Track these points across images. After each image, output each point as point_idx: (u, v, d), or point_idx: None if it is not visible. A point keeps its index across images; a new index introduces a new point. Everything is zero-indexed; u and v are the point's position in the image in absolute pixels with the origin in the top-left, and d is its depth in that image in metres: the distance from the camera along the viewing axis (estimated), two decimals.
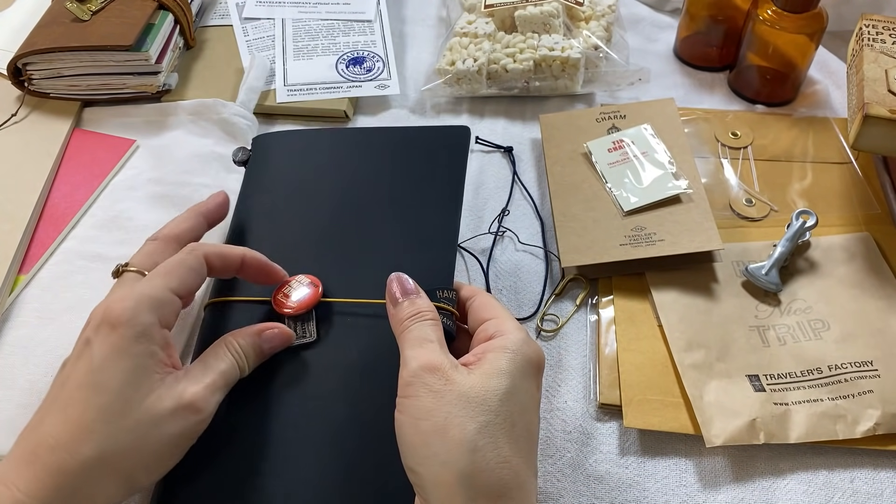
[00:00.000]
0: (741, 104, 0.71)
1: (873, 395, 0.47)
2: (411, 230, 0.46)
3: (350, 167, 0.50)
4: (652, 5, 0.84)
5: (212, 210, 0.47)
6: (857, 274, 0.54)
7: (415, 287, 0.39)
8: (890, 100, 0.52)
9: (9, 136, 0.65)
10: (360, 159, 0.51)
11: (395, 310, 0.38)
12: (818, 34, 0.65)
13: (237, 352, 0.39)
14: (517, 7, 0.70)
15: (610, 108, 0.65)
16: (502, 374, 0.34)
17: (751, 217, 0.59)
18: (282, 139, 0.54)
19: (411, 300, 0.38)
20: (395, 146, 0.51)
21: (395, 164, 0.50)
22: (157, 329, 0.36)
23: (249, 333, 0.40)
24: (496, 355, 0.35)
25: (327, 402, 0.40)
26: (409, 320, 0.37)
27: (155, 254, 0.41)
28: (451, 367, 0.34)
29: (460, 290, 0.43)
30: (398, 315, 0.38)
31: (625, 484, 0.45)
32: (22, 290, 0.55)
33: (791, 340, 0.51)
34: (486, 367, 0.35)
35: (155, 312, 0.36)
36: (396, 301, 0.38)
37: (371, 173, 0.50)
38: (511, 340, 0.36)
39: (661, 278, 0.54)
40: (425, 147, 0.50)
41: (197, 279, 0.39)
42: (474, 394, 0.33)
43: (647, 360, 0.50)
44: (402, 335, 0.37)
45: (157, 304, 0.36)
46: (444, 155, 0.50)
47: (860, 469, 0.46)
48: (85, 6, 0.67)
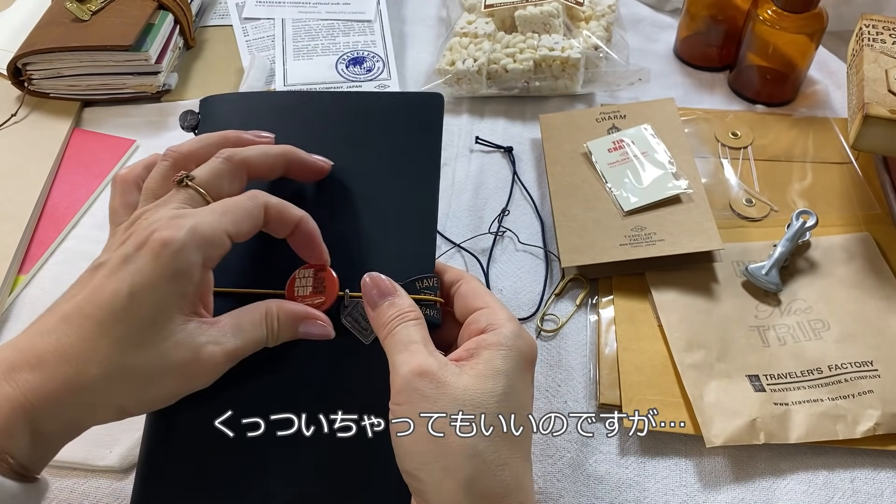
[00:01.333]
0: (741, 104, 0.71)
1: (873, 395, 0.47)
2: (385, 213, 0.42)
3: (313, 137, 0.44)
4: (652, 5, 0.84)
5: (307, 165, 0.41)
6: (858, 274, 0.54)
7: (391, 286, 0.37)
8: (890, 100, 0.52)
9: (9, 136, 0.65)
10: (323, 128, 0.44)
11: (374, 313, 0.36)
12: (818, 34, 0.65)
13: (274, 326, 0.36)
14: (517, 7, 0.70)
15: (610, 108, 0.65)
16: (498, 374, 0.33)
17: (751, 217, 0.59)
18: (237, 100, 0.47)
19: (390, 301, 0.36)
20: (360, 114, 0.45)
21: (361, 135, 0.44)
22: (198, 269, 0.33)
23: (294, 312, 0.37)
24: (491, 353, 0.34)
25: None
26: (391, 323, 0.35)
27: (224, 177, 0.37)
28: (441, 369, 0.33)
29: (444, 274, 0.41)
30: (379, 319, 0.36)
31: (625, 484, 0.45)
32: (22, 291, 0.55)
33: (791, 340, 0.50)
34: (481, 366, 0.34)
35: (203, 252, 0.33)
36: (375, 304, 0.36)
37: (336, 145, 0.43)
38: (505, 335, 0.35)
39: (661, 278, 0.54)
40: (394, 116, 0.44)
41: (253, 228, 0.36)
42: (469, 397, 0.32)
43: (647, 360, 0.50)
44: (386, 339, 0.35)
45: (207, 243, 0.33)
46: (416, 126, 0.44)
47: (860, 469, 0.46)
48: (85, 6, 0.67)
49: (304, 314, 0.37)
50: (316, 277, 0.39)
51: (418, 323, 0.36)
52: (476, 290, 0.39)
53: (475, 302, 0.38)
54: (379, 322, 0.36)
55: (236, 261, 0.39)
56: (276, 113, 0.45)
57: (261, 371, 0.38)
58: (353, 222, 0.42)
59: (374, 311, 0.36)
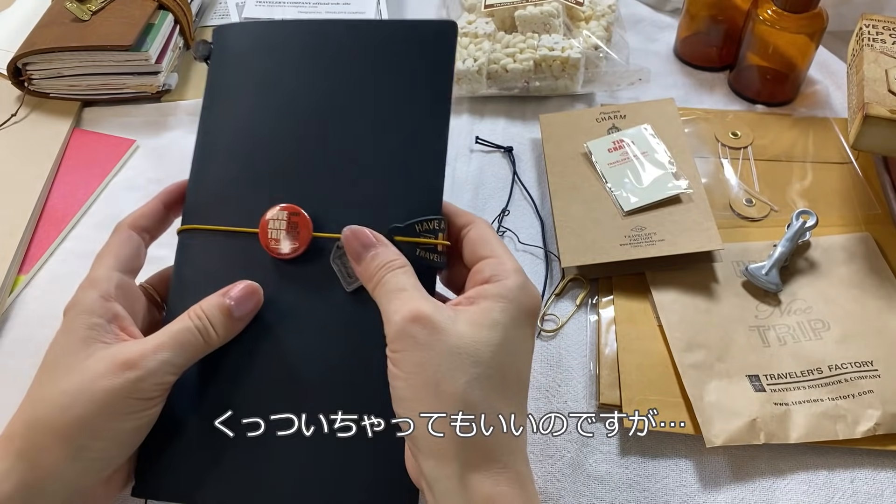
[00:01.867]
0: (741, 104, 0.71)
1: (873, 395, 0.47)
2: (391, 148, 0.40)
3: (323, 67, 0.42)
4: (652, 5, 0.84)
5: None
6: (858, 274, 0.54)
7: (373, 238, 0.36)
8: (890, 100, 0.52)
9: (9, 136, 0.65)
10: (333, 59, 0.42)
11: (360, 267, 0.36)
12: (818, 34, 0.65)
13: (198, 315, 0.36)
14: (517, 7, 0.70)
15: (610, 108, 0.65)
16: (495, 325, 0.33)
17: (751, 217, 0.59)
18: (250, 30, 0.45)
19: (374, 253, 0.36)
20: (372, 45, 0.42)
21: (371, 66, 0.42)
22: (99, 303, 0.36)
23: (214, 296, 0.37)
24: (490, 304, 0.34)
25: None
26: (378, 273, 0.35)
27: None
28: (435, 314, 0.32)
29: (454, 217, 0.39)
30: (366, 271, 0.36)
31: (625, 484, 0.45)
32: (22, 291, 0.55)
33: (791, 340, 0.50)
34: (479, 316, 0.33)
35: (95, 290, 0.36)
36: (360, 257, 0.36)
37: (345, 76, 0.42)
38: (508, 287, 0.34)
39: (661, 278, 0.54)
40: (405, 46, 0.42)
41: (132, 249, 0.39)
42: (464, 345, 0.32)
43: (647, 360, 0.50)
44: (375, 290, 0.35)
45: (96, 282, 0.37)
46: (428, 54, 0.42)
47: (860, 469, 0.46)
48: (85, 6, 0.67)
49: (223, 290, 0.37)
50: (289, 221, 0.38)
51: (406, 270, 0.35)
52: (484, 237, 0.38)
53: (482, 250, 0.37)
54: (366, 275, 0.36)
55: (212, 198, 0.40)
56: (288, 44, 0.43)
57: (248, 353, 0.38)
58: (354, 158, 0.40)
59: (360, 265, 0.36)
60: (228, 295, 0.37)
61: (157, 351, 0.34)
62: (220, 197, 0.40)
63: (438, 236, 0.37)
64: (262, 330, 0.38)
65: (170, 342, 0.35)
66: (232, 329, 0.37)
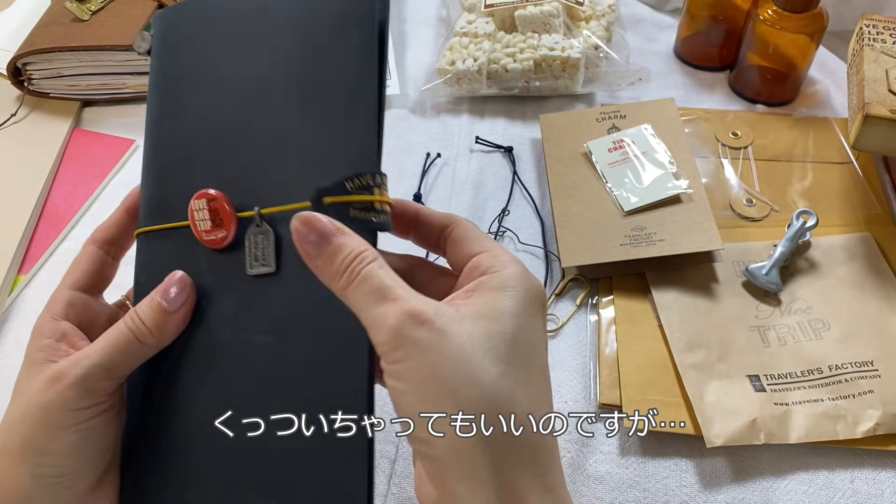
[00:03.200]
0: (741, 104, 0.71)
1: (874, 396, 0.46)
2: (315, 110, 0.35)
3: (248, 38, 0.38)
4: (652, 5, 0.84)
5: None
6: (858, 274, 0.54)
7: (332, 226, 0.30)
8: (890, 100, 0.52)
9: (8, 136, 0.65)
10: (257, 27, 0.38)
11: (319, 263, 0.30)
12: (818, 34, 0.65)
13: (131, 317, 0.34)
14: (517, 7, 0.70)
15: (610, 108, 0.65)
16: (507, 315, 0.29)
17: (751, 217, 0.59)
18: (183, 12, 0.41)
19: (336, 245, 0.30)
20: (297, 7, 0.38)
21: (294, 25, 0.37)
22: (49, 323, 0.35)
23: (149, 295, 0.35)
24: (494, 295, 0.30)
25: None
26: (348, 270, 0.29)
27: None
28: (436, 314, 0.28)
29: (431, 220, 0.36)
30: (328, 269, 0.30)
31: (625, 484, 0.45)
32: (21, 291, 0.55)
33: (791, 340, 0.50)
34: (485, 308, 0.30)
35: (47, 311, 0.36)
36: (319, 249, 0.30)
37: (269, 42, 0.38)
38: (511, 275, 0.31)
39: (661, 278, 0.54)
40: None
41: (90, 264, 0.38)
42: (478, 343, 0.28)
43: (647, 360, 0.50)
44: (347, 293, 0.29)
45: (49, 304, 0.37)
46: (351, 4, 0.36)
47: (861, 469, 0.45)
48: (84, 6, 0.67)
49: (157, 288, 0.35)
50: (210, 209, 0.35)
51: (381, 263, 0.30)
52: (471, 234, 0.34)
53: (472, 246, 0.34)
54: (329, 273, 0.30)
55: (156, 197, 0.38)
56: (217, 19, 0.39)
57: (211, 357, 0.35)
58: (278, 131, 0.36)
59: (319, 261, 0.30)
60: (158, 290, 0.34)
61: (85, 358, 0.33)
62: (162, 194, 0.38)
63: (374, 192, 0.33)
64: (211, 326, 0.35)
65: (99, 348, 0.33)
66: (169, 325, 0.34)
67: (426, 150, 0.66)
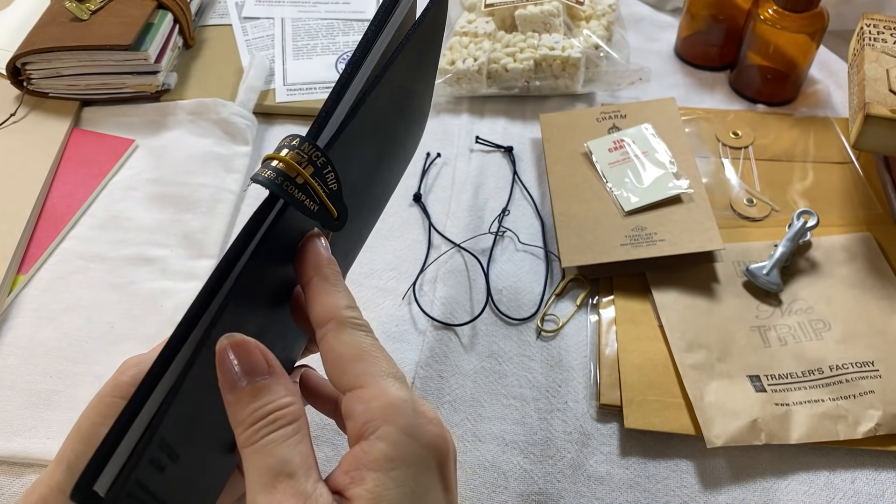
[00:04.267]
0: (742, 104, 0.71)
1: (874, 396, 0.46)
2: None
3: None
4: (653, 4, 0.83)
5: None
6: (859, 274, 0.54)
7: (264, 362, 0.25)
8: (891, 99, 0.52)
9: (8, 135, 0.65)
10: None
11: (231, 397, 0.25)
12: (819, 33, 0.65)
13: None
14: (517, 6, 0.70)
15: (610, 108, 0.65)
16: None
17: (752, 217, 0.59)
18: None
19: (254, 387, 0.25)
20: None
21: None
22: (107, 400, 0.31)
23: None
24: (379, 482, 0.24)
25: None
26: (252, 430, 0.24)
27: None
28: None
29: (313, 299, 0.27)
30: (236, 415, 0.25)
31: (625, 485, 0.45)
32: (21, 291, 0.55)
33: (792, 341, 0.50)
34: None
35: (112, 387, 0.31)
36: (234, 384, 0.25)
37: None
38: (391, 442, 0.24)
39: (661, 278, 0.54)
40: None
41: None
42: None
43: (647, 360, 0.50)
44: (245, 453, 0.24)
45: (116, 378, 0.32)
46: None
47: (861, 470, 0.45)
48: (84, 5, 0.67)
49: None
50: None
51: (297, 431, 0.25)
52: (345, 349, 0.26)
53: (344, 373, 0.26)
54: (237, 418, 0.25)
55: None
56: None
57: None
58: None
59: (232, 395, 0.25)
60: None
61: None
62: None
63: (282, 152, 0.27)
64: None
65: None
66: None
67: (426, 149, 0.66)
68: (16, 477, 0.45)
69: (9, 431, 0.47)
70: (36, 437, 0.46)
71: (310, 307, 0.27)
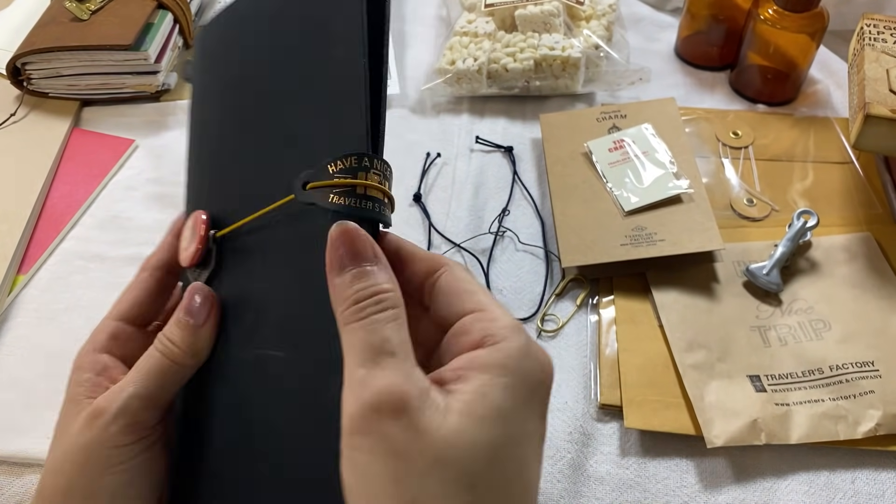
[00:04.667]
0: (742, 104, 0.71)
1: (875, 396, 0.46)
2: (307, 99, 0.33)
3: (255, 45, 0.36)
4: (653, 4, 0.83)
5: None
6: (859, 274, 0.54)
7: (372, 249, 0.27)
8: (891, 99, 0.52)
9: (8, 135, 0.65)
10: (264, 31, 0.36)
11: (337, 280, 0.26)
12: (819, 33, 0.65)
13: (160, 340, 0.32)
14: (517, 6, 0.70)
15: (610, 108, 0.65)
16: (497, 415, 0.24)
17: (752, 217, 0.59)
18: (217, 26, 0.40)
19: (360, 271, 0.26)
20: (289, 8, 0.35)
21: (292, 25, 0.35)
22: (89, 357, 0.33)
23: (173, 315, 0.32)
24: (488, 381, 0.25)
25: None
26: (357, 308, 0.26)
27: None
28: (421, 403, 0.24)
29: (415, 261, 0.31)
30: (341, 293, 0.26)
31: (625, 485, 0.45)
32: (21, 291, 0.55)
33: (792, 341, 0.50)
34: (475, 402, 0.24)
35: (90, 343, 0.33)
36: (342, 267, 0.26)
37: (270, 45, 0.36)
38: (508, 353, 0.26)
39: (661, 278, 0.54)
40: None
41: (140, 292, 0.35)
42: (456, 456, 0.23)
43: (647, 360, 0.50)
44: (345, 329, 0.26)
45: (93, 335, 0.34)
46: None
47: (862, 470, 0.45)
48: (84, 5, 0.67)
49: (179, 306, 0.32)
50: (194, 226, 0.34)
51: (398, 320, 0.26)
52: (464, 285, 0.29)
53: (462, 301, 0.29)
54: (339, 297, 0.26)
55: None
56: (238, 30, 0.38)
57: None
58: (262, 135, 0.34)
59: (337, 279, 0.26)
60: (182, 307, 0.32)
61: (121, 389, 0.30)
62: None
63: (360, 176, 0.29)
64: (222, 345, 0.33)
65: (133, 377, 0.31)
66: (199, 340, 0.31)
67: (426, 149, 0.66)
68: (16, 477, 0.45)
69: (9, 431, 0.47)
70: (36, 437, 0.46)
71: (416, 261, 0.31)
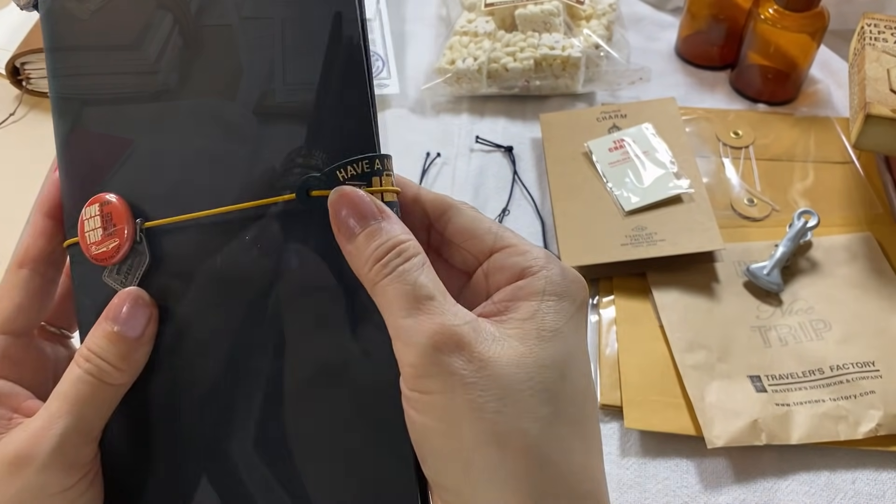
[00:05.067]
0: (742, 103, 0.71)
1: (875, 396, 0.46)
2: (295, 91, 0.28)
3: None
4: (653, 4, 0.83)
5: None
6: (859, 274, 0.54)
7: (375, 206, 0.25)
8: (892, 99, 0.52)
9: (7, 135, 0.65)
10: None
11: (350, 246, 0.25)
12: (820, 33, 0.65)
13: (86, 357, 0.26)
14: (517, 6, 0.70)
15: (611, 108, 0.65)
16: (554, 336, 0.24)
17: (752, 217, 0.59)
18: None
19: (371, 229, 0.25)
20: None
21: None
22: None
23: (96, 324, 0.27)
24: (536, 306, 0.25)
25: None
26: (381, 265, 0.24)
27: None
28: (477, 336, 0.23)
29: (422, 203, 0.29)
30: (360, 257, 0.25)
31: (626, 485, 0.45)
32: None
33: (793, 341, 0.50)
34: (528, 325, 0.24)
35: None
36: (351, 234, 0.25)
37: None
38: (549, 280, 0.25)
39: (662, 278, 0.54)
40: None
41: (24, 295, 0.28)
42: (525, 376, 0.23)
43: (648, 360, 0.50)
44: (376, 289, 0.24)
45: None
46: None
47: (862, 470, 0.45)
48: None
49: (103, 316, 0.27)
50: (102, 214, 0.28)
51: (423, 262, 0.25)
52: (480, 224, 0.28)
53: (486, 242, 0.27)
54: (359, 261, 0.25)
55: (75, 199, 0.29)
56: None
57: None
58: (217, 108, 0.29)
59: (350, 245, 0.25)
60: (109, 317, 0.26)
61: (51, 425, 0.25)
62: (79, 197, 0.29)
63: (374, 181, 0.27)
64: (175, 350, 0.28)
65: (61, 406, 0.25)
66: (135, 355, 0.26)
67: (426, 149, 0.66)
68: None
69: None
70: None
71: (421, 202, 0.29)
